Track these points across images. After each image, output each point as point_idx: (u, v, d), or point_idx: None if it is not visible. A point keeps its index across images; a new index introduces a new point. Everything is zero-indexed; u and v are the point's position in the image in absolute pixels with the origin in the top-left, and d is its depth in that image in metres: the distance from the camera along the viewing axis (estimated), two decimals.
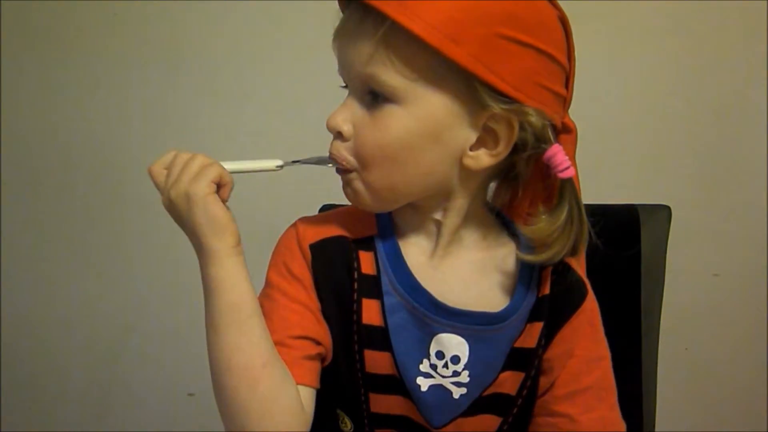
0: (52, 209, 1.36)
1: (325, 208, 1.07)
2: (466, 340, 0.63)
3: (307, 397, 0.62)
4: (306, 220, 0.69)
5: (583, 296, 0.66)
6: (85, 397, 1.40)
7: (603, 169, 1.21)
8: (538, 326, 0.65)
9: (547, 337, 0.65)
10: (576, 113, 0.78)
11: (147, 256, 1.35)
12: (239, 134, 1.31)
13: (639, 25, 1.22)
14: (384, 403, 0.65)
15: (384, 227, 0.65)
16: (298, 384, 0.61)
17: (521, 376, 0.66)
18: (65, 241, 1.37)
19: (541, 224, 0.61)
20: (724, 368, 1.28)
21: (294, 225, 0.70)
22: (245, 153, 1.30)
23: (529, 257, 0.62)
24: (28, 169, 1.36)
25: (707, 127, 1.24)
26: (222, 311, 0.61)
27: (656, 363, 1.03)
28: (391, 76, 0.57)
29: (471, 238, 0.65)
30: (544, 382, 0.66)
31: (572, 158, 0.64)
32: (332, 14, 1.31)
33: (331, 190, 1.19)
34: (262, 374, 0.59)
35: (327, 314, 0.64)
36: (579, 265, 0.68)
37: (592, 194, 0.92)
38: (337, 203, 1.09)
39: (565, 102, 0.62)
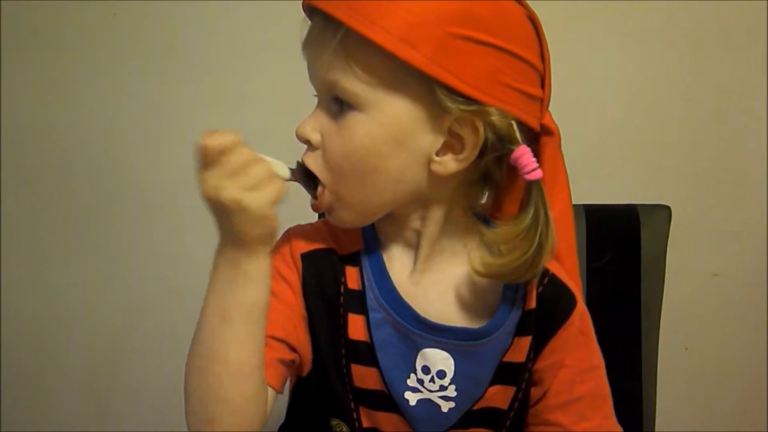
0: (51, 209, 1.36)
1: None
2: (451, 354, 0.63)
3: (270, 398, 0.64)
4: (298, 229, 0.69)
5: (571, 307, 0.65)
6: (85, 397, 1.40)
7: (603, 169, 1.21)
8: (527, 340, 0.64)
9: (536, 350, 0.65)
10: (576, 113, 0.78)
11: (147, 256, 1.35)
12: (238, 133, 1.30)
13: (639, 25, 1.22)
14: (375, 419, 0.66)
15: (369, 242, 0.65)
16: (267, 384, 0.61)
17: (512, 390, 0.65)
18: (65, 242, 1.36)
19: (503, 228, 0.61)
20: (724, 368, 1.28)
21: (287, 232, 0.68)
22: None
23: (482, 273, 0.60)
24: (28, 169, 1.35)
25: (707, 127, 1.24)
26: (241, 305, 0.58)
27: (656, 363, 1.03)
28: (351, 82, 0.57)
29: (453, 248, 0.64)
30: (535, 392, 0.66)
31: (558, 161, 0.64)
32: None
33: None
34: (253, 374, 0.58)
35: (315, 325, 0.64)
36: (568, 273, 0.66)
37: (592, 194, 0.93)
38: None
39: (542, 103, 0.61)
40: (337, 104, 0.59)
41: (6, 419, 1.41)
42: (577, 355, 0.65)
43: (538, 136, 0.62)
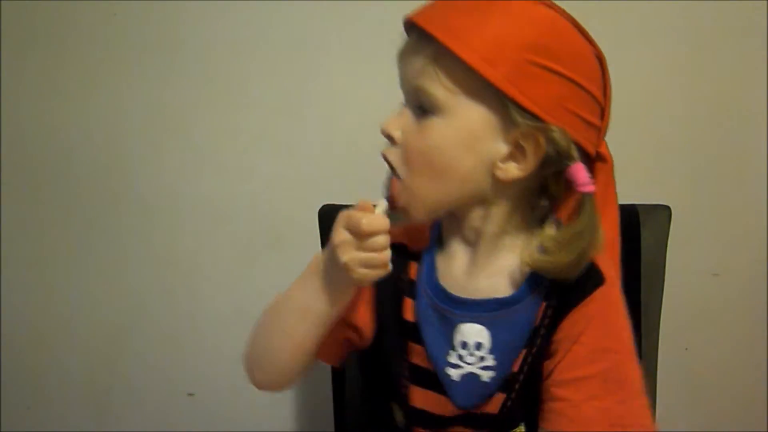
0: (51, 209, 1.36)
1: (324, 208, 1.08)
2: (485, 326, 0.70)
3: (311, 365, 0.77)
4: None
5: (597, 284, 0.69)
6: (85, 397, 1.40)
7: None
8: (550, 307, 0.69)
9: (556, 318, 0.69)
10: None
11: (147, 256, 1.35)
12: (239, 134, 1.31)
13: (639, 25, 1.22)
14: (422, 398, 0.74)
15: (432, 241, 0.75)
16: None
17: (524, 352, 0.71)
18: (65, 242, 1.37)
19: (557, 231, 0.69)
20: (724, 368, 1.28)
21: None
22: (245, 153, 1.30)
23: (529, 264, 0.68)
24: (28, 169, 1.35)
25: (707, 127, 1.24)
26: (320, 316, 0.72)
27: (656, 363, 1.03)
28: (436, 88, 0.66)
29: (509, 246, 0.71)
30: (548, 365, 0.69)
31: (610, 187, 0.72)
32: (334, 15, 1.31)
33: (330, 190, 1.19)
34: (304, 355, 0.74)
35: (383, 307, 0.75)
36: (606, 262, 0.70)
37: None
38: (336, 203, 1.09)
39: (600, 132, 0.70)
40: (421, 108, 0.68)
41: (6, 419, 1.41)
42: (594, 333, 0.68)
43: (592, 161, 0.70)
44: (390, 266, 0.68)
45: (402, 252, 0.75)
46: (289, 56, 1.27)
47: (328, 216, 1.07)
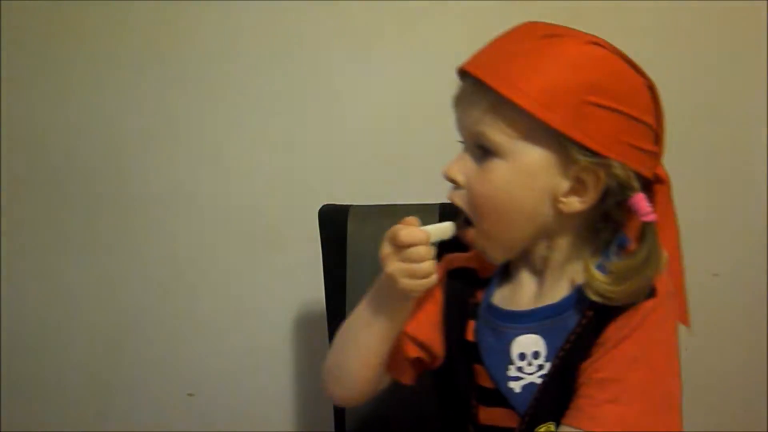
0: (51, 210, 1.36)
1: (324, 209, 1.08)
2: (540, 334, 0.73)
3: (386, 380, 0.80)
4: (454, 255, 0.83)
5: (647, 296, 0.69)
6: (85, 397, 1.40)
7: None
8: (592, 309, 0.71)
9: (600, 322, 0.70)
10: None
11: (147, 256, 1.35)
12: (239, 134, 1.31)
13: (639, 25, 1.22)
14: (490, 416, 0.76)
15: (502, 267, 0.78)
16: (386, 370, 0.79)
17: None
18: (65, 242, 1.36)
19: (622, 261, 0.70)
20: (724, 368, 1.28)
21: (445, 256, 0.82)
22: (245, 153, 1.30)
23: (593, 292, 0.69)
24: (28, 169, 1.35)
25: (707, 127, 1.24)
26: (383, 327, 0.75)
27: None
28: (496, 134, 0.69)
29: (573, 272, 0.73)
30: (585, 366, 0.70)
31: (669, 207, 0.75)
32: (334, 14, 1.31)
33: (331, 190, 1.19)
34: (373, 367, 0.77)
35: (451, 328, 0.79)
36: (662, 278, 0.71)
37: None
38: (337, 203, 1.09)
39: (656, 157, 0.73)
40: (481, 151, 0.71)
41: (6, 419, 1.41)
42: (634, 342, 0.68)
43: (651, 184, 0.73)
44: (435, 277, 0.71)
45: (471, 277, 0.80)
46: (290, 56, 1.27)
47: (328, 216, 1.07)
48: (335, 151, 1.28)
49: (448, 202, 1.05)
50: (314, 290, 1.15)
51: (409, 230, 0.70)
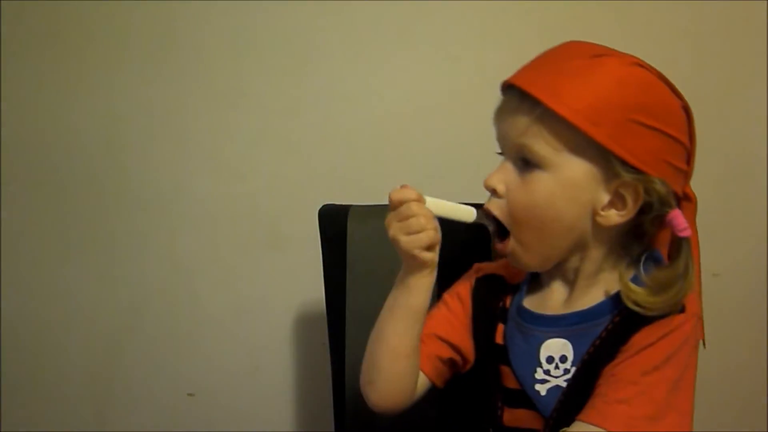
0: (51, 209, 1.36)
1: (324, 209, 1.08)
2: (569, 339, 0.75)
3: (421, 382, 0.81)
4: (483, 264, 0.87)
5: (676, 311, 0.72)
6: (85, 397, 1.40)
7: None
8: (619, 315, 0.74)
9: (627, 330, 0.72)
10: None
11: (147, 256, 1.35)
12: (238, 134, 1.31)
13: (639, 25, 1.22)
14: (514, 417, 0.78)
15: (530, 274, 0.81)
16: (420, 369, 0.80)
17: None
18: (65, 242, 1.37)
19: (659, 272, 0.73)
20: (724, 368, 1.28)
21: (475, 265, 0.87)
22: (244, 153, 1.30)
23: (632, 302, 0.71)
24: (28, 169, 1.35)
25: (707, 127, 1.23)
26: (402, 306, 0.77)
27: None
28: (541, 146, 0.71)
29: (605, 282, 0.76)
30: (608, 370, 0.72)
31: (692, 223, 0.77)
32: (333, 14, 1.31)
33: (330, 190, 1.19)
34: (405, 357, 0.78)
35: (479, 331, 0.81)
36: (691, 297, 0.74)
37: None
38: (337, 203, 1.09)
39: (686, 175, 0.76)
40: (524, 162, 0.73)
41: (6, 419, 1.41)
42: (657, 351, 0.70)
43: (679, 201, 0.75)
44: (433, 234, 0.72)
45: (500, 283, 0.83)
46: (289, 56, 1.27)
47: (328, 216, 1.07)
48: (335, 151, 1.28)
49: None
50: (314, 290, 1.15)
51: (398, 189, 0.73)
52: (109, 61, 1.30)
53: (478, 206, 0.77)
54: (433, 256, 0.74)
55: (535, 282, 0.81)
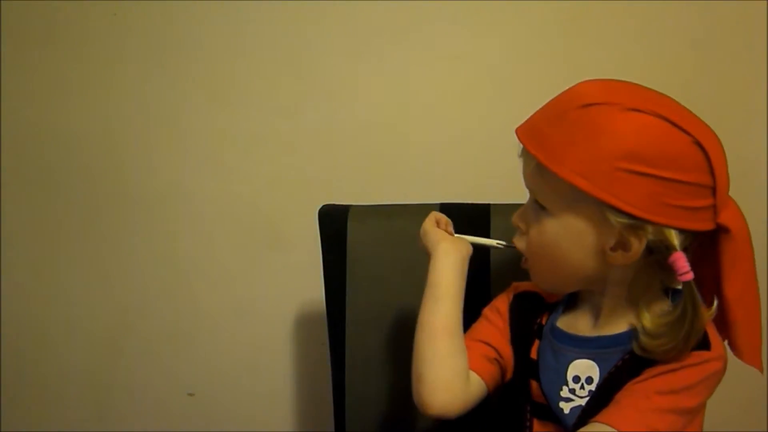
0: (51, 209, 1.36)
1: (324, 209, 1.08)
2: (596, 362, 0.78)
3: (474, 383, 0.82)
4: (521, 283, 0.89)
5: (701, 346, 0.74)
6: (85, 397, 1.40)
7: None
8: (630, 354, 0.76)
9: (638, 361, 0.75)
10: None
11: (147, 256, 1.35)
12: (238, 134, 1.31)
13: (639, 25, 1.22)
14: (543, 429, 0.82)
15: (568, 296, 0.84)
16: (470, 368, 0.82)
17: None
18: (65, 242, 1.37)
19: (654, 316, 0.74)
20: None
21: (512, 284, 0.91)
22: (245, 153, 1.30)
23: (638, 349, 0.74)
24: (28, 169, 1.35)
25: None
26: (431, 287, 0.83)
27: None
28: (544, 195, 0.76)
29: (630, 313, 0.77)
30: (630, 385, 0.74)
31: (738, 257, 0.75)
32: (333, 14, 1.31)
33: (330, 190, 1.19)
34: (446, 361, 0.80)
35: (516, 344, 0.85)
36: (748, 345, 0.78)
37: None
38: (337, 203, 1.09)
39: (714, 208, 0.74)
40: (538, 204, 0.77)
41: (6, 419, 1.41)
42: (679, 378, 0.73)
43: (717, 233, 0.75)
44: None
45: (538, 301, 0.87)
46: (289, 56, 1.27)
47: (328, 216, 1.07)
48: (335, 151, 1.28)
49: (448, 202, 1.06)
50: (314, 290, 1.15)
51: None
52: (108, 61, 1.30)
53: (509, 246, 0.84)
54: (444, 234, 0.85)
55: (572, 302, 0.84)
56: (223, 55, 1.28)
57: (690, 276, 0.71)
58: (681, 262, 0.71)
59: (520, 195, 0.81)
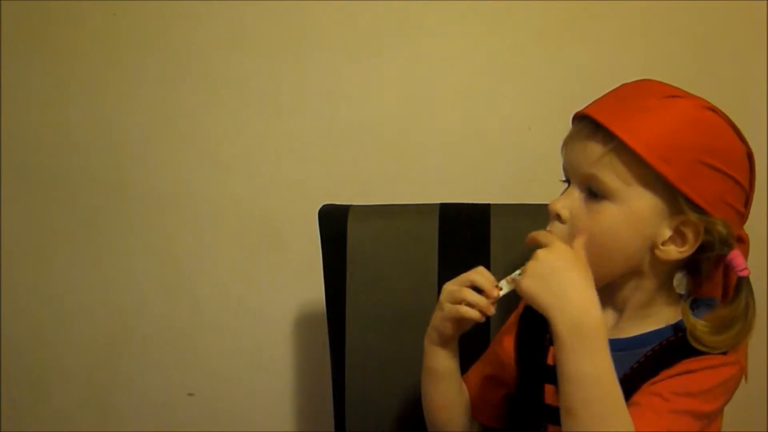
0: (52, 208, 1.36)
1: (324, 209, 1.08)
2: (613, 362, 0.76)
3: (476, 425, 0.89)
4: None
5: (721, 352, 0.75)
6: (85, 397, 1.40)
7: None
8: (666, 340, 0.77)
9: (674, 357, 0.75)
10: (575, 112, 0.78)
11: (147, 256, 1.35)
12: (239, 134, 1.31)
13: (639, 24, 1.22)
14: None
15: None
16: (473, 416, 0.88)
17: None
18: (65, 241, 1.37)
19: (724, 311, 0.75)
20: None
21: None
22: (245, 153, 1.30)
23: (697, 341, 0.74)
24: (28, 169, 1.35)
25: None
26: (427, 369, 0.86)
27: None
28: (611, 178, 0.73)
29: (655, 315, 0.78)
30: (646, 386, 0.75)
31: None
32: (333, 14, 1.31)
33: (330, 190, 1.19)
34: (448, 409, 0.87)
35: (524, 355, 0.86)
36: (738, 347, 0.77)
37: None
38: (337, 203, 1.09)
39: (743, 218, 0.78)
40: (591, 192, 0.75)
41: (6, 419, 1.41)
42: (696, 381, 0.73)
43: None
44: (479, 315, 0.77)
45: None
46: (290, 56, 1.27)
47: (328, 216, 1.07)
48: (335, 151, 1.28)
49: (448, 202, 1.06)
50: (314, 290, 1.15)
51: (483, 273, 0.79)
52: (109, 61, 1.30)
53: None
54: (452, 333, 0.81)
55: None
56: (223, 55, 1.28)
57: (748, 272, 0.74)
58: (740, 258, 0.74)
59: (520, 195, 0.82)
